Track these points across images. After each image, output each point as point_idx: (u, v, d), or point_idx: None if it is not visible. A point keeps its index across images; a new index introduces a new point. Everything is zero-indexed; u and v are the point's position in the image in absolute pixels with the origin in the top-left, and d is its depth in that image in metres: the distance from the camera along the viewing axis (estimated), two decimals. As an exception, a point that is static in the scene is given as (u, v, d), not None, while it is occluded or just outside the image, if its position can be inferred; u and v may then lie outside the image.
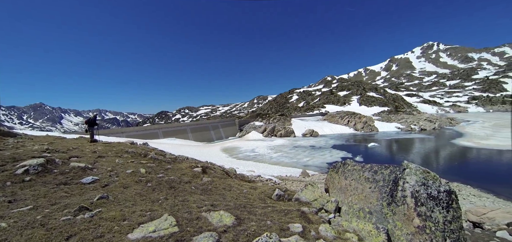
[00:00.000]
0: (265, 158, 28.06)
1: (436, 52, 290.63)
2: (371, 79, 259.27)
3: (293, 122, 56.95)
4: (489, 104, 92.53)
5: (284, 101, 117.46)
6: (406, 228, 3.10)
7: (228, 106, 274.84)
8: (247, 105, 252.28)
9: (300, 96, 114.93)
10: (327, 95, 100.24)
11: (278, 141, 42.54)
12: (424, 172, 3.23)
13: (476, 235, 6.91)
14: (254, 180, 11.25)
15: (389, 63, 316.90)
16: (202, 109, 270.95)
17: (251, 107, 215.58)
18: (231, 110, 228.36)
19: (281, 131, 48.13)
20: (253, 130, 51.75)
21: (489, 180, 17.68)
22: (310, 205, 4.12)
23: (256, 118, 60.62)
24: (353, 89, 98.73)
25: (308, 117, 67.53)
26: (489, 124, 49.99)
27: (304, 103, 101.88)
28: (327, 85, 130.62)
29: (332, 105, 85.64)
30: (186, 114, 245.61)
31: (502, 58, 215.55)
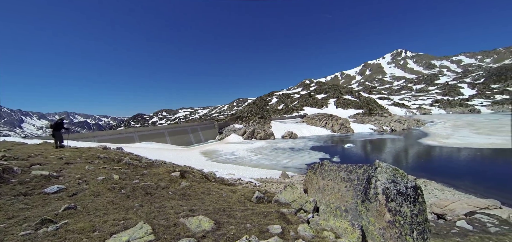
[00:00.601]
0: (245, 161, 28.03)
1: (404, 59, 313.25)
2: (347, 83, 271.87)
3: (272, 124, 57.64)
4: (449, 107, 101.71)
5: (264, 104, 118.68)
6: (379, 223, 3.29)
7: (207, 109, 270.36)
8: (227, 107, 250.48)
9: (279, 99, 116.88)
10: (305, 98, 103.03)
11: (258, 143, 42.75)
12: (393, 170, 3.46)
13: (440, 225, 7.53)
14: (234, 183, 11.17)
15: (363, 68, 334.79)
16: (180, 112, 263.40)
17: (231, 110, 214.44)
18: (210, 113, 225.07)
19: (261, 133, 48.45)
20: (233, 132, 51.49)
21: (450, 175, 19.40)
22: (290, 206, 4.19)
23: (236, 121, 60.43)
24: (330, 92, 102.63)
25: (288, 120, 68.79)
26: (449, 124, 54.91)
27: (283, 106, 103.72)
28: (306, 88, 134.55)
29: (311, 108, 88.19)
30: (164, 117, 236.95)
31: (459, 66, 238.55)
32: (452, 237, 6.33)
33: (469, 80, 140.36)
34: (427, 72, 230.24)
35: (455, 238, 6.23)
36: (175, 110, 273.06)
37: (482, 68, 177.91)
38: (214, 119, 78.49)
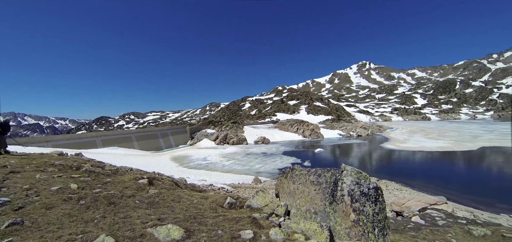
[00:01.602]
0: (218, 166, 27.60)
1: (368, 70, 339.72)
2: (317, 90, 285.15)
3: (245, 130, 57.79)
4: (405, 114, 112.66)
5: (237, 109, 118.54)
6: (345, 223, 3.50)
7: (179, 113, 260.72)
8: (199, 112, 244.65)
9: (252, 104, 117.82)
10: (278, 104, 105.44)
11: (230, 148, 42.44)
12: (357, 172, 3.73)
13: (398, 221, 8.24)
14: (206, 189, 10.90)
15: (332, 77, 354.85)
16: (150, 116, 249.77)
17: (203, 114, 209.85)
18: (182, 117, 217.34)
19: (233, 138, 48.21)
20: (205, 137, 50.42)
21: (407, 175, 21.42)
22: (261, 211, 4.23)
23: (209, 125, 59.34)
24: (302, 99, 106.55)
25: (260, 125, 69.57)
26: (405, 130, 60.75)
27: (256, 111, 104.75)
28: (278, 94, 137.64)
29: (283, 114, 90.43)
30: (132, 121, 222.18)
31: (413, 78, 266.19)
32: (408, 232, 6.97)
33: (421, 91, 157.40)
34: (388, 83, 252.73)
35: (410, 232, 6.88)
36: (144, 114, 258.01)
37: (432, 81, 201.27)
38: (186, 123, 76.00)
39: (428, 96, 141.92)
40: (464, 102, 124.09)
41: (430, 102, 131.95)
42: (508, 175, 21.23)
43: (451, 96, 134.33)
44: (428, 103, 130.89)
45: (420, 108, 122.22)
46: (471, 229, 6.82)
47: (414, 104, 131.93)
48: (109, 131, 54.31)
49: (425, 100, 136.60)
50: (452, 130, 57.45)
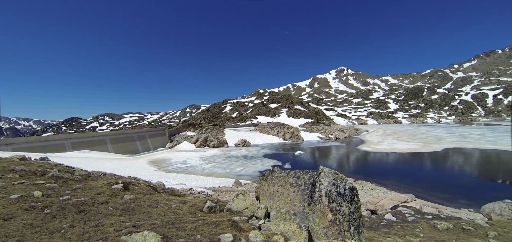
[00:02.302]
0: (197, 170, 27.05)
1: (346, 75, 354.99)
2: (298, 94, 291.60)
3: (226, 132, 57.39)
4: (380, 118, 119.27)
5: (218, 111, 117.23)
6: (322, 223, 3.61)
7: (157, 115, 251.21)
8: (179, 114, 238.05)
9: (233, 107, 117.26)
10: (259, 107, 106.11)
11: (211, 151, 41.85)
12: (334, 174, 3.87)
13: (372, 219, 8.66)
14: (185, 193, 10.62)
15: (312, 81, 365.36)
16: (126, 117, 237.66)
17: (183, 116, 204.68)
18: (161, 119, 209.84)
19: (214, 141, 47.62)
20: (185, 140, 49.22)
21: (381, 175, 22.61)
22: (242, 214, 4.22)
23: (188, 128, 58.04)
24: (282, 102, 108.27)
25: (241, 128, 69.49)
26: (380, 133, 64.24)
27: (237, 114, 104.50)
28: (260, 97, 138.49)
29: (264, 117, 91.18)
30: (106, 123, 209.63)
31: (387, 84, 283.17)
32: (381, 229, 7.36)
33: (394, 97, 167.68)
34: (364, 88, 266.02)
35: (383, 229, 7.27)
36: (120, 115, 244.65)
37: (403, 88, 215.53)
38: (165, 126, 73.51)
39: (399, 102, 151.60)
40: (431, 107, 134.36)
41: (401, 107, 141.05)
42: (467, 173, 23.35)
43: (420, 102, 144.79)
44: (400, 108, 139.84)
45: (393, 113, 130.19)
46: (436, 224, 7.38)
47: (387, 108, 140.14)
48: (81, 133, 50.82)
49: (397, 105, 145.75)
50: (420, 132, 61.87)
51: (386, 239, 6.14)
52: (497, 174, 23.07)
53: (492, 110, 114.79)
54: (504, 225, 7.52)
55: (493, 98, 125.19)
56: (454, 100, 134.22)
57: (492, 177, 21.82)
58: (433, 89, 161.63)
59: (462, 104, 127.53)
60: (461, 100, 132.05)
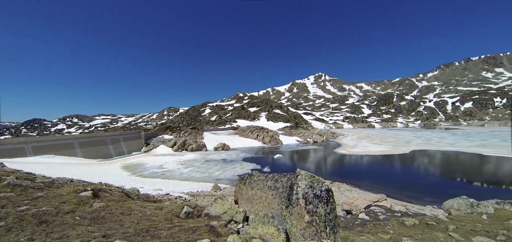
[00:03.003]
0: (175, 174, 26.20)
1: (324, 81, 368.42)
2: (277, 98, 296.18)
3: (205, 136, 56.43)
4: (355, 123, 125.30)
5: (197, 114, 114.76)
6: (300, 224, 3.68)
7: (133, 117, 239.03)
8: (157, 116, 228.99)
9: (213, 110, 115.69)
10: (239, 110, 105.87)
11: (189, 155, 40.82)
12: (311, 176, 3.99)
13: (347, 219, 9.03)
14: (161, 199, 10.22)
15: (291, 86, 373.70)
16: (98, 119, 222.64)
17: (160, 119, 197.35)
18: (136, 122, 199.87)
19: (192, 144, 46.52)
20: (162, 143, 47.48)
21: (356, 177, 23.69)
22: (220, 218, 4.17)
23: (166, 131, 56.09)
24: (262, 106, 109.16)
25: (221, 131, 68.78)
26: (355, 137, 67.43)
27: (217, 117, 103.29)
28: (239, 101, 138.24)
29: (243, 120, 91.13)
30: (74, 125, 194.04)
31: (361, 91, 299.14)
32: (356, 228, 7.70)
33: (367, 102, 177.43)
34: (340, 94, 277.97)
35: (357, 228, 7.60)
36: (90, 117, 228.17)
37: (375, 94, 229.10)
38: (141, 128, 70.18)
39: (372, 107, 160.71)
40: (400, 113, 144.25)
41: (374, 112, 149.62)
42: (431, 173, 25.39)
43: (390, 107, 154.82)
44: (373, 113, 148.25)
45: (367, 117, 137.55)
46: (404, 220, 7.90)
47: (361, 113, 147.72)
48: (44, 136, 46.46)
49: (370, 110, 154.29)
50: (391, 136, 66.06)
51: (360, 238, 6.42)
52: (455, 173, 25.38)
53: (451, 116, 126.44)
54: (461, 219, 8.27)
55: (452, 105, 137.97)
56: (419, 107, 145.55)
57: (452, 176, 23.96)
58: (402, 96, 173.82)
59: (427, 110, 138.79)
60: (425, 107, 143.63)
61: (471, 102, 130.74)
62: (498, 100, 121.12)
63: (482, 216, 8.33)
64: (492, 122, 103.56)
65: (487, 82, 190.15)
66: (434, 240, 6.60)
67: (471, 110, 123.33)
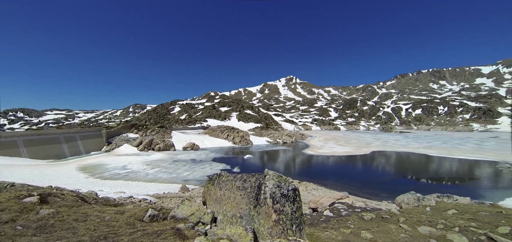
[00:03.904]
0: (140, 175, 24.69)
1: (294, 84, 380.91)
2: (249, 99, 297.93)
3: (173, 135, 54.22)
4: (322, 125, 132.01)
5: (166, 112, 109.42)
6: (267, 223, 3.77)
7: (93, 113, 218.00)
8: (121, 113, 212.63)
9: (183, 109, 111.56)
10: (210, 109, 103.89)
11: (156, 155, 38.82)
12: (279, 176, 4.11)
13: (313, 216, 9.47)
14: (123, 202, 9.54)
15: (263, 87, 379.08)
16: (49, 114, 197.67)
17: (125, 116, 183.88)
18: (97, 118, 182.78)
19: (160, 144, 44.34)
20: (126, 142, 44.35)
21: (322, 176, 24.95)
22: (187, 220, 4.05)
23: (131, 129, 52.51)
24: (233, 106, 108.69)
25: (190, 131, 66.76)
26: (322, 138, 71.02)
27: (186, 116, 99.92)
28: (210, 100, 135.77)
29: (214, 120, 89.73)
30: (19, 120, 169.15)
31: (329, 95, 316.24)
32: (321, 224, 8.12)
33: (334, 106, 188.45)
34: (309, 97, 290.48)
35: (322, 224, 8.03)
36: (40, 112, 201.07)
37: (341, 99, 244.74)
38: (102, 126, 64.56)
39: (338, 111, 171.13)
40: (362, 116, 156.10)
41: (340, 115, 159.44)
42: (387, 171, 28.03)
43: (354, 111, 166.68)
44: (339, 116, 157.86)
45: (333, 120, 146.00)
46: (363, 215, 8.58)
47: (329, 116, 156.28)
48: (-22, 134, 39.74)
49: (336, 114, 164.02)
50: (354, 138, 71.10)
51: (324, 233, 6.80)
52: (407, 171, 28.38)
53: (405, 121, 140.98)
54: (410, 211, 9.28)
55: (405, 111, 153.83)
56: (379, 112, 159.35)
57: (404, 174, 26.73)
58: (364, 101, 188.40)
59: (385, 115, 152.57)
60: (384, 112, 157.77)
61: (420, 109, 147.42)
62: (441, 109, 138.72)
63: (426, 209, 9.45)
64: (436, 127, 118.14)
65: (433, 92, 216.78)
66: (387, 231, 7.30)
67: (420, 116, 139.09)
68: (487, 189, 20.20)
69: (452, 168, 29.77)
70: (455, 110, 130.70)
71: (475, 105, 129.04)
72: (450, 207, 9.29)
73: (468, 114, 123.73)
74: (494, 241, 5.93)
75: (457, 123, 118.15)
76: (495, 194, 18.46)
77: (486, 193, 18.84)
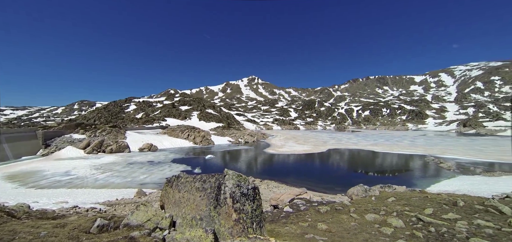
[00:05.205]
0: (88, 182, 22.04)
1: (256, 84, 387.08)
2: (210, 98, 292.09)
3: (128, 135, 49.90)
4: (283, 124, 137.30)
5: (119, 110, 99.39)
6: (227, 223, 3.78)
7: (25, 110, 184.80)
8: (63, 111, 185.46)
9: (139, 107, 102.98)
10: (169, 108, 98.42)
11: (107, 157, 35.17)
12: (238, 176, 4.16)
13: (274, 213, 9.81)
14: (65, 214, 8.41)
15: (225, 86, 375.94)
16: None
17: (69, 114, 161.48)
18: (31, 116, 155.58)
19: (112, 145, 40.29)
20: (70, 144, 39.11)
21: (283, 174, 25.95)
22: (143, 227, 3.79)
23: (76, 129, 46.46)
24: (194, 105, 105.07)
25: (147, 130, 62.35)
26: (283, 137, 73.82)
27: (143, 114, 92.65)
28: (170, 98, 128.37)
29: (174, 119, 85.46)
30: None
31: (289, 96, 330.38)
32: (281, 220, 8.46)
33: (294, 107, 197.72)
34: (271, 97, 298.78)
35: (282, 220, 8.38)
36: None
37: (301, 100, 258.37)
38: (38, 125, 55.31)
39: (298, 111, 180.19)
40: (320, 117, 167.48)
41: (299, 115, 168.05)
42: (341, 167, 30.74)
43: (312, 112, 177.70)
44: (298, 116, 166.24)
45: (293, 120, 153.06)
46: (319, 209, 9.24)
47: (289, 116, 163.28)
48: None
49: (296, 114, 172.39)
50: (312, 137, 75.80)
51: (284, 228, 7.11)
52: (357, 166, 31.57)
53: (356, 121, 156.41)
54: (359, 202, 10.36)
55: (356, 112, 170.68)
56: (334, 113, 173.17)
57: (355, 168, 29.67)
58: (321, 103, 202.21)
59: (339, 116, 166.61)
60: (338, 113, 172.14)
61: (368, 111, 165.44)
62: (384, 110, 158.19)
63: (371, 198, 10.66)
64: (381, 126, 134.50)
65: (379, 96, 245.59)
66: (340, 221, 8.02)
67: (368, 117, 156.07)
68: (418, 178, 23.81)
69: (393, 161, 34.24)
70: (395, 112, 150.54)
71: (409, 108, 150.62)
72: (390, 195, 10.67)
73: (405, 115, 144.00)
74: (421, 220, 7.06)
75: (396, 123, 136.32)
76: (423, 182, 21.88)
77: (417, 182, 22.19)
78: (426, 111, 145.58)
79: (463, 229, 6.19)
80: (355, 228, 7.06)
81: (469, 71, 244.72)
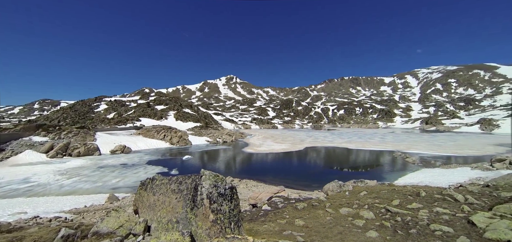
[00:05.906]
0: (51, 189, 20.22)
1: (235, 83, 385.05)
2: (188, 97, 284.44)
3: (98, 137, 46.72)
4: (261, 124, 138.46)
5: (88, 110, 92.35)
6: (205, 224, 3.74)
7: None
8: (20, 111, 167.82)
9: (110, 106, 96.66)
10: (144, 108, 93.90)
11: (74, 161, 32.58)
12: (215, 176, 4.14)
13: (253, 212, 9.88)
14: (24, 225, 7.65)
15: (203, 85, 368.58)
16: None
17: (28, 115, 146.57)
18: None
19: (79, 148, 37.38)
20: (29, 148, 35.50)
21: (262, 173, 26.19)
22: (114, 235, 3.59)
23: (37, 131, 42.27)
24: (171, 104, 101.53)
25: (120, 132, 58.90)
26: (261, 136, 74.48)
27: (115, 114, 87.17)
28: (145, 97, 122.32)
29: (149, 119, 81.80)
30: None
31: (267, 95, 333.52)
32: (259, 218, 8.55)
33: (272, 106, 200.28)
34: (249, 97, 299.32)
35: (261, 218, 8.48)
36: None
37: (279, 99, 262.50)
38: (-12, 129, 49.32)
39: (276, 110, 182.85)
40: (297, 116, 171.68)
41: (277, 115, 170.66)
42: (318, 164, 31.90)
43: (290, 111, 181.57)
44: (276, 115, 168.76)
45: (271, 119, 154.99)
46: (297, 205, 9.51)
47: (267, 116, 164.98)
48: None
49: (274, 113, 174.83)
50: (290, 136, 77.47)
51: (263, 226, 7.20)
52: (333, 163, 33.01)
53: (331, 120, 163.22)
54: (334, 197, 10.85)
55: (332, 111, 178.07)
56: (311, 112, 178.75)
57: (330, 165, 30.98)
58: (299, 102, 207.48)
59: (316, 115, 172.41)
60: (315, 112, 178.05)
61: (343, 110, 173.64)
62: (358, 109, 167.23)
63: (345, 193, 11.22)
64: (354, 125, 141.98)
65: (353, 96, 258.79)
66: (317, 216, 8.33)
67: (343, 116, 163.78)
68: (387, 172, 25.58)
69: (365, 157, 36.35)
70: (367, 111, 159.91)
71: (380, 108, 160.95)
72: (362, 189, 11.33)
73: (376, 114, 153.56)
74: (389, 211, 7.61)
75: (368, 121, 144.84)
76: (391, 176, 23.55)
77: (386, 175, 23.82)
78: (394, 110, 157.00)
79: (424, 217, 6.80)
80: (330, 222, 7.39)
81: (430, 74, 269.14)
